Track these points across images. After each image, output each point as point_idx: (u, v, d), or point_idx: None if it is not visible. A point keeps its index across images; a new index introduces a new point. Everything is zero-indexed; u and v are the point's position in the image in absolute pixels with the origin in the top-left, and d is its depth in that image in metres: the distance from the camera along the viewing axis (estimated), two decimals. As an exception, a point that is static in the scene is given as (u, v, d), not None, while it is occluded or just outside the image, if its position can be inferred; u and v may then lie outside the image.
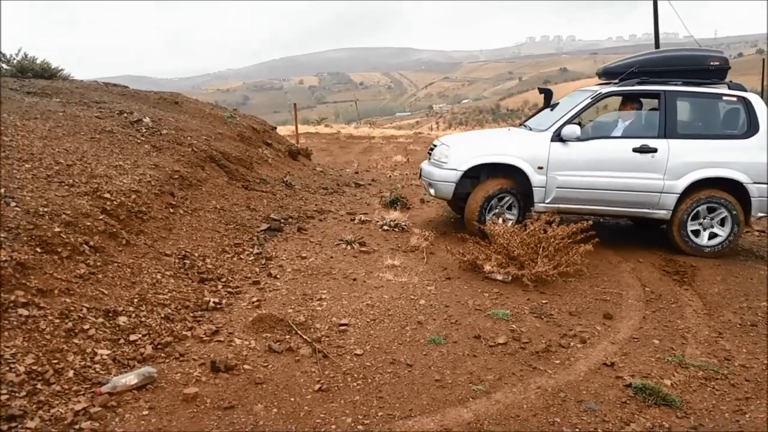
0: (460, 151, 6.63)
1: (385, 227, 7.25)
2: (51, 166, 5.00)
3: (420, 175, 7.41)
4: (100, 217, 4.65)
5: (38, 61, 9.82)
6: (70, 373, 3.09)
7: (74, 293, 3.76)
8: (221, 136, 8.92)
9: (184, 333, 3.84)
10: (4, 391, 2.78)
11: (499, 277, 5.30)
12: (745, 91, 6.55)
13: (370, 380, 3.44)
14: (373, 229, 7.20)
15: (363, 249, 6.20)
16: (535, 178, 6.36)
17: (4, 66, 9.56)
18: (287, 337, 3.95)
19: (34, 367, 3.01)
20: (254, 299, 4.60)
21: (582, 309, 4.81)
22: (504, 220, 6.51)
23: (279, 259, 5.69)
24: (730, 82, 6.68)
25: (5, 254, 3.58)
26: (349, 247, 6.21)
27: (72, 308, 3.59)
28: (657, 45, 18.94)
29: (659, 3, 15.73)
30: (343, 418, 3.02)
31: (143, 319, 3.86)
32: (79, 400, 2.89)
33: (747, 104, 6.39)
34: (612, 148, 6.34)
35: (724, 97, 6.46)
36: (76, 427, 2.70)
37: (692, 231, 6.40)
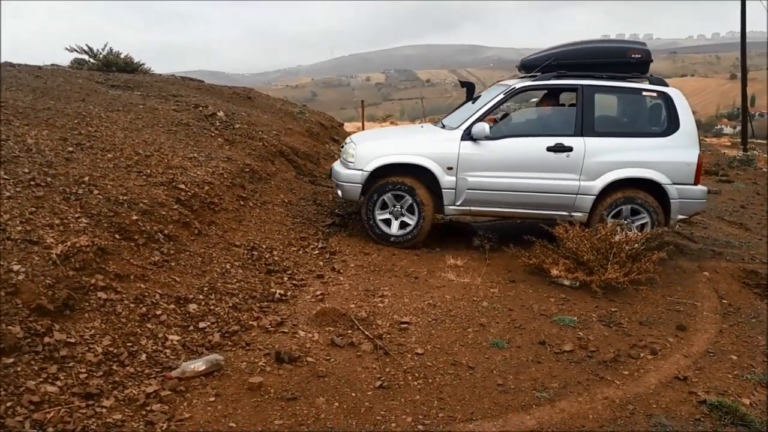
0: (365, 149, 6.14)
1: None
2: (131, 156, 5.24)
3: (330, 174, 6.86)
4: (175, 206, 4.84)
5: (122, 56, 10.33)
6: (143, 357, 3.22)
7: (149, 279, 3.92)
8: (291, 131, 9.10)
9: (250, 323, 3.93)
10: (84, 371, 2.92)
11: (567, 283, 5.15)
12: (667, 85, 6.07)
13: (430, 380, 3.42)
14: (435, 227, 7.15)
15: (425, 247, 6.16)
16: (444, 179, 5.94)
17: (92, 60, 10.10)
18: (349, 331, 3.98)
19: (111, 349, 3.16)
20: (318, 293, 4.65)
21: (653, 319, 4.61)
22: (402, 224, 6.10)
23: (342, 254, 5.75)
24: (651, 75, 6.20)
25: (87, 239, 3.77)
26: (412, 245, 6.19)
27: (146, 294, 3.75)
28: (743, 44, 17.92)
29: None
30: (404, 417, 3.02)
31: (212, 307, 3.98)
32: (151, 383, 3.00)
33: (668, 100, 5.97)
34: (525, 148, 5.93)
35: (644, 92, 6.06)
36: (148, 408, 2.81)
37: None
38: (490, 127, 5.91)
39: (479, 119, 5.96)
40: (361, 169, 6.05)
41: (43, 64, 9.38)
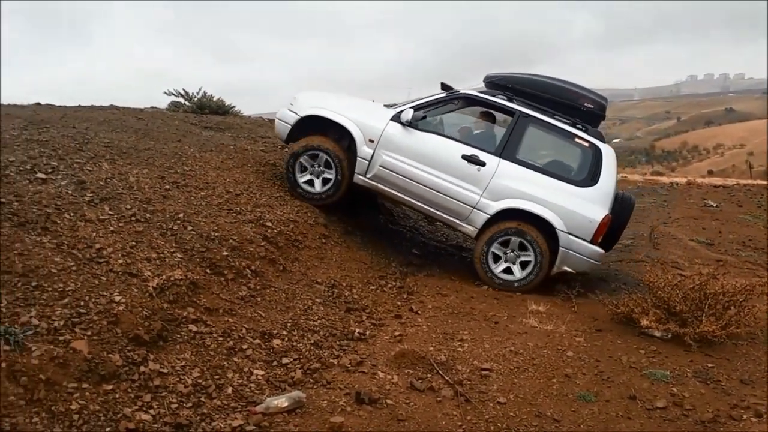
0: (307, 98, 6.50)
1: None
2: (222, 195, 5.50)
3: None
4: (262, 243, 5.02)
5: (214, 99, 10.95)
6: (229, 390, 3.31)
7: (236, 314, 4.05)
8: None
9: (331, 361, 3.96)
10: (174, 401, 3.03)
11: (657, 334, 4.88)
12: (603, 141, 6.11)
13: (514, 431, 3.30)
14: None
15: (505, 291, 6.04)
16: (363, 149, 6.15)
17: (187, 103, 10.78)
18: (429, 375, 3.92)
19: (200, 381, 3.27)
20: (396, 333, 4.64)
21: (756, 378, 4.27)
22: (322, 180, 6.37)
23: (420, 295, 5.72)
24: (591, 127, 6.22)
25: (181, 273, 3.97)
26: (490, 288, 6.09)
27: (233, 328, 3.87)
28: None
29: None
30: (486, 468, 2.92)
31: (295, 343, 4.04)
32: (236, 417, 3.06)
33: (597, 153, 6.02)
34: (444, 147, 6.08)
35: (577, 139, 6.07)
36: (233, 442, 2.87)
37: (494, 258, 6.08)
38: (422, 118, 6.17)
39: (414, 108, 6.16)
40: (295, 113, 6.38)
41: (144, 107, 10.09)
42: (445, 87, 6.67)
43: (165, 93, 10.99)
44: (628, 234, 9.43)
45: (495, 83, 6.53)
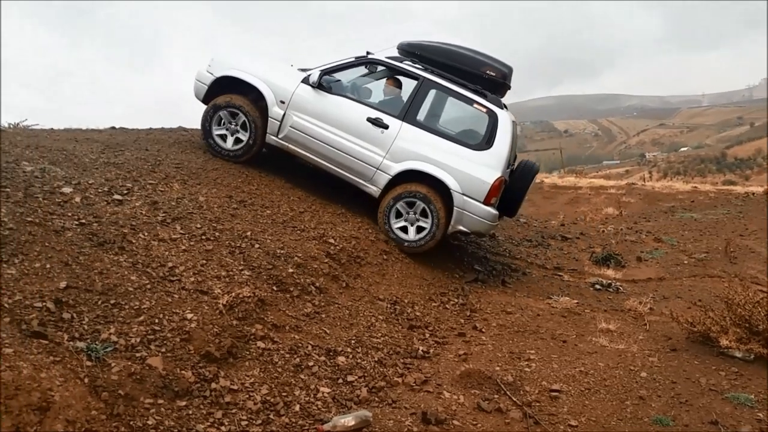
0: (225, 58, 6.57)
1: (597, 286, 6.82)
2: (286, 213, 5.61)
3: None
4: (325, 260, 5.07)
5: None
6: (297, 407, 3.34)
7: (302, 330, 4.11)
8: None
9: (395, 379, 3.95)
10: (245, 418, 3.09)
11: (738, 354, 4.62)
12: (501, 108, 6.21)
13: (586, 456, 3.18)
14: (583, 288, 6.81)
15: (572, 309, 5.87)
16: (274, 110, 6.31)
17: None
18: (495, 396, 3.85)
19: (268, 398, 3.32)
20: (461, 352, 4.58)
21: None
22: (237, 140, 6.45)
23: (483, 312, 5.64)
24: (491, 94, 6.31)
25: (249, 291, 4.05)
26: (556, 306, 5.93)
27: (299, 345, 3.92)
28: None
29: None
30: (559, 494, 2.82)
31: (359, 360, 4.05)
32: (304, 434, 3.09)
33: (493, 119, 6.16)
34: (350, 109, 6.29)
35: (475, 104, 6.24)
36: (302, 460, 2.89)
37: (396, 216, 6.26)
38: (335, 81, 6.36)
39: (323, 71, 6.31)
40: (212, 73, 6.47)
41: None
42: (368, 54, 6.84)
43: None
44: (702, 248, 9.02)
45: (406, 50, 6.73)
